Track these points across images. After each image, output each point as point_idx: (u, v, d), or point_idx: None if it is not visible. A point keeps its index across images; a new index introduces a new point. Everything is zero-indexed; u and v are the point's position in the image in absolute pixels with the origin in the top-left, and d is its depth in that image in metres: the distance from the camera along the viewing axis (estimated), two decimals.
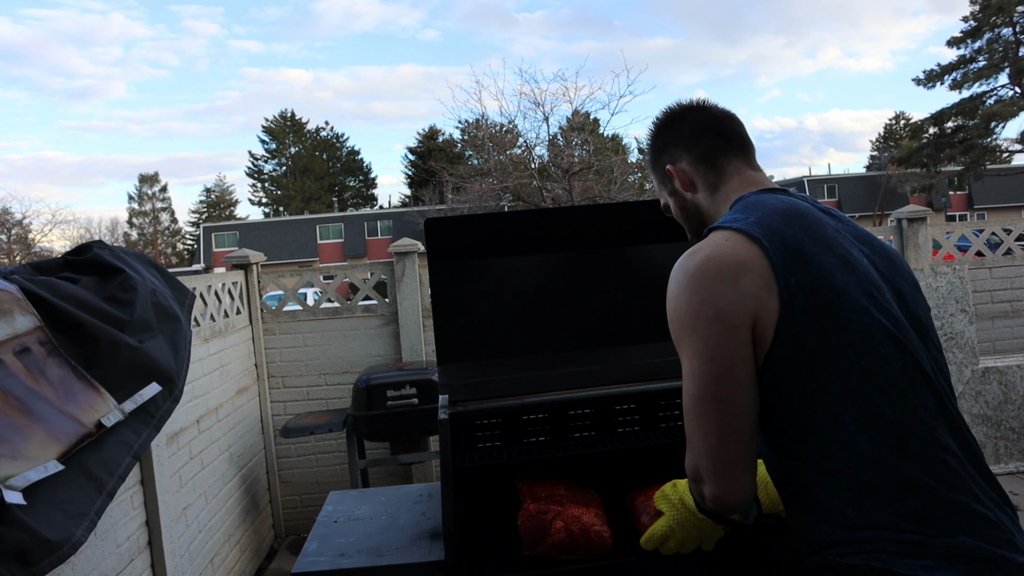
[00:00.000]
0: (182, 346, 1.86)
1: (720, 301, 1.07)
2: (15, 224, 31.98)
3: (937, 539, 0.98)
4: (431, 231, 2.04)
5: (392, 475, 4.54)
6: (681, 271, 1.14)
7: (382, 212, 41.21)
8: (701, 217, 1.34)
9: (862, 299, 1.09)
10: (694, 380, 1.10)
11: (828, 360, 1.06)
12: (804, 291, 1.07)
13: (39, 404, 1.41)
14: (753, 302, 1.07)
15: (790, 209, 1.17)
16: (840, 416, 1.05)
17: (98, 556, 2.18)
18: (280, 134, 48.52)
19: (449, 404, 1.90)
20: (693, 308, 1.10)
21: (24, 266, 1.67)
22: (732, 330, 1.07)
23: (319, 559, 1.75)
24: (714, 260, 1.10)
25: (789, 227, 1.13)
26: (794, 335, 1.06)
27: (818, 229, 1.15)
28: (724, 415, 1.07)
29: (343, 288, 12.53)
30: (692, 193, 1.34)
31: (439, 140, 41.63)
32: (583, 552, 1.63)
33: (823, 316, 1.06)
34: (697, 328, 1.09)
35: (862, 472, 1.03)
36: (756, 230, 1.11)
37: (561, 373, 1.99)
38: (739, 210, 1.19)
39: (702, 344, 1.08)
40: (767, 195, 1.23)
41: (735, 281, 1.08)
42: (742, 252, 1.10)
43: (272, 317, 4.44)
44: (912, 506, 1.00)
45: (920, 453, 1.03)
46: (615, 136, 29.48)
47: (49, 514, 1.32)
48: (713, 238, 1.15)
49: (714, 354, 1.07)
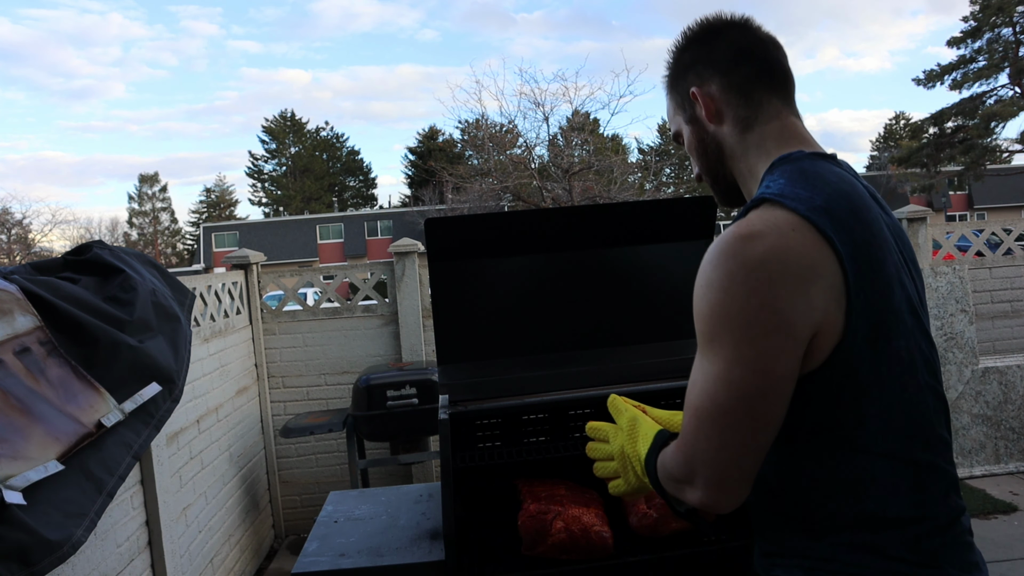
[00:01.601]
0: (182, 346, 1.86)
1: (787, 311, 0.89)
2: (15, 224, 31.99)
3: (925, 569, 0.95)
4: (431, 231, 2.04)
5: (392, 475, 4.54)
6: (734, 257, 0.92)
7: (382, 212, 41.23)
8: (721, 156, 1.14)
9: (909, 319, 0.98)
10: (727, 388, 0.92)
11: (876, 392, 0.95)
12: (869, 311, 0.93)
13: (39, 404, 1.41)
14: (820, 316, 0.91)
15: (852, 193, 0.98)
16: (869, 450, 0.96)
17: (98, 556, 2.18)
18: (280, 134, 48.53)
19: (449, 404, 1.90)
20: (750, 311, 0.90)
21: (24, 266, 1.67)
22: (793, 345, 0.90)
23: (319, 559, 1.75)
24: (782, 256, 0.90)
25: (857, 221, 0.95)
26: (849, 361, 0.93)
27: (878, 225, 0.98)
28: (751, 432, 0.93)
29: (343, 288, 12.53)
30: (716, 124, 1.12)
31: (439, 140, 41.65)
32: (583, 552, 1.63)
33: (882, 343, 0.94)
34: (749, 335, 0.90)
35: (871, 502, 0.96)
36: (827, 222, 0.92)
37: (561, 373, 1.99)
38: (796, 179, 0.98)
39: (752, 354, 0.91)
40: (823, 163, 1.02)
41: (806, 288, 0.90)
42: (813, 252, 0.91)
43: (272, 317, 4.44)
44: (912, 538, 0.96)
45: (936, 487, 0.98)
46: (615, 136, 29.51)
47: (49, 514, 1.32)
48: (774, 220, 0.93)
49: (764, 367, 0.90)
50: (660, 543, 1.71)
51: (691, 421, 0.97)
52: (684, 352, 2.09)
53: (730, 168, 1.14)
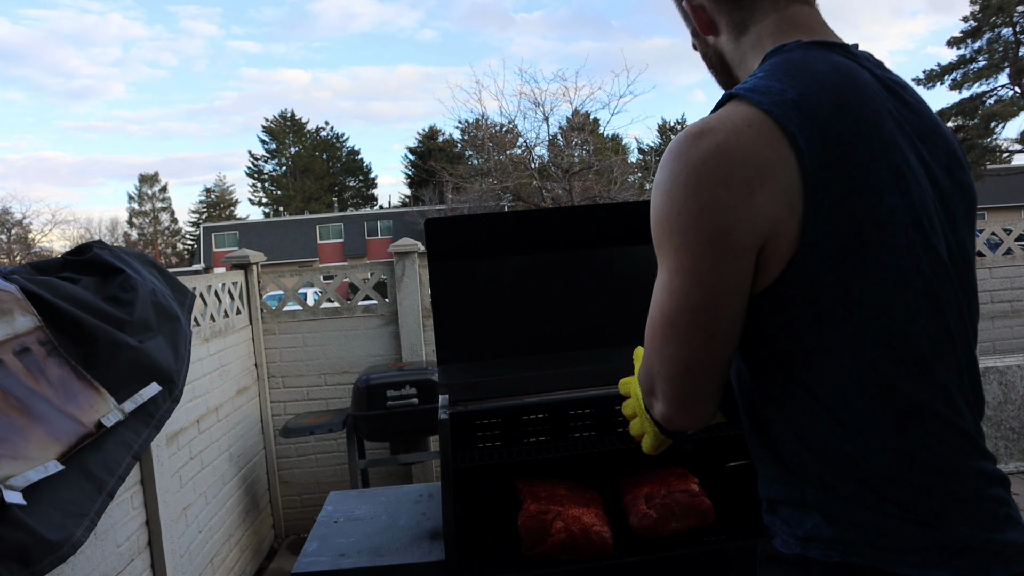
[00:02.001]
0: (182, 346, 1.86)
1: (724, 216, 0.82)
2: (15, 224, 31.99)
3: (929, 530, 0.83)
4: (431, 231, 2.04)
5: (392, 475, 4.54)
6: (679, 156, 0.85)
7: (382, 212, 41.23)
8: (726, 67, 1.06)
9: (906, 234, 0.84)
10: (670, 299, 0.87)
11: (843, 314, 0.83)
12: (836, 220, 0.82)
13: (39, 404, 1.41)
14: (767, 225, 0.82)
15: (847, 83, 0.87)
16: (840, 379, 0.85)
17: (98, 556, 2.18)
18: (280, 134, 48.54)
19: (449, 404, 1.90)
20: (688, 215, 0.83)
21: (24, 266, 1.67)
22: (732, 255, 0.83)
23: (319, 559, 1.75)
24: (727, 155, 0.82)
25: (839, 115, 0.84)
26: (807, 278, 0.83)
27: (876, 121, 0.86)
28: (698, 346, 0.87)
29: (343, 288, 12.53)
30: (713, 36, 1.04)
31: (439, 140, 41.67)
32: (583, 552, 1.63)
33: (851, 258, 0.83)
34: (687, 241, 0.84)
35: (850, 441, 0.85)
36: (792, 117, 0.82)
37: (561, 373, 1.99)
38: (776, 71, 0.88)
39: (690, 262, 0.84)
40: (818, 52, 0.91)
41: (749, 192, 0.81)
42: (766, 151, 0.82)
43: (272, 317, 4.45)
44: (904, 490, 0.84)
45: (927, 433, 0.85)
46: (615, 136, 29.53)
47: (49, 514, 1.32)
48: (731, 115, 0.85)
49: (702, 279, 0.84)
50: (660, 543, 1.71)
51: (648, 333, 0.93)
52: None
53: (737, 78, 1.05)
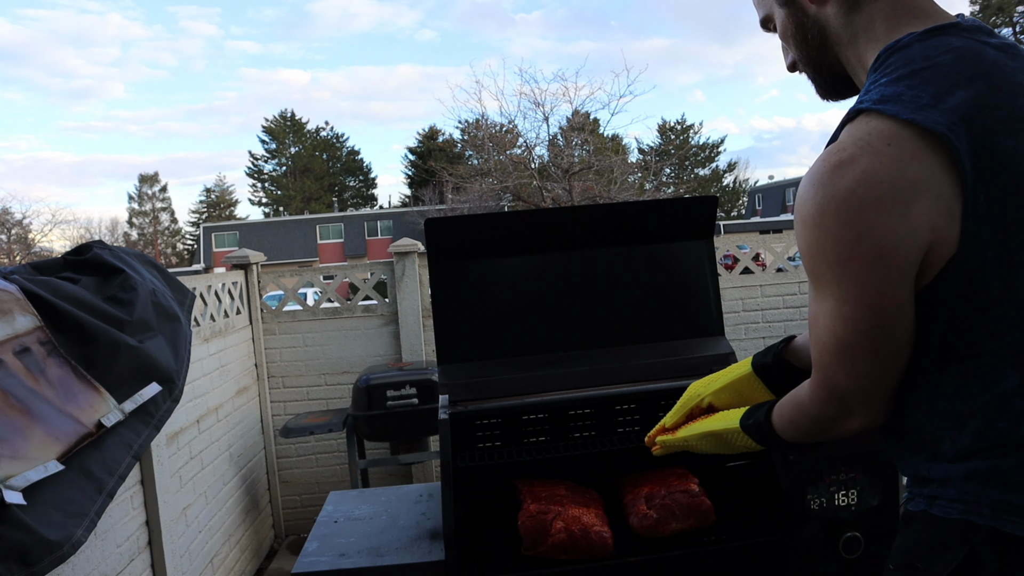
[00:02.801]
0: (182, 346, 1.86)
1: (884, 238, 0.81)
2: (15, 224, 31.99)
3: None
4: (431, 231, 2.04)
5: (392, 475, 4.54)
6: (824, 188, 0.84)
7: (382, 212, 41.23)
8: (825, 42, 1.00)
9: None
10: (844, 324, 0.88)
11: (1008, 299, 0.83)
12: (995, 212, 0.80)
13: (39, 404, 1.41)
14: (927, 235, 0.81)
15: (975, 70, 0.84)
16: (1002, 363, 0.84)
17: (98, 556, 2.18)
18: (280, 134, 48.53)
19: (449, 404, 1.90)
20: (845, 245, 0.83)
21: (24, 266, 1.67)
22: (898, 274, 0.83)
23: (319, 559, 1.75)
24: (873, 181, 0.80)
25: (979, 105, 0.81)
26: (972, 270, 0.82)
27: (1011, 101, 0.83)
28: (881, 361, 0.89)
29: (343, 288, 12.52)
30: (819, 5, 0.98)
31: (439, 140, 41.67)
32: (583, 552, 1.63)
33: (1015, 244, 0.81)
34: (850, 271, 0.84)
35: (1002, 422, 0.85)
36: (938, 121, 0.80)
37: (561, 373, 1.99)
38: (900, 74, 0.85)
39: (856, 290, 0.85)
40: (935, 40, 0.87)
41: (904, 212, 0.80)
42: (912, 166, 0.80)
43: (272, 317, 4.44)
44: None
45: None
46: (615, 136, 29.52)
47: (49, 514, 1.32)
48: (867, 135, 0.83)
49: (872, 303, 0.85)
50: (660, 543, 1.71)
51: (823, 357, 0.94)
52: (684, 352, 2.09)
53: (836, 55, 1.00)
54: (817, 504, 1.68)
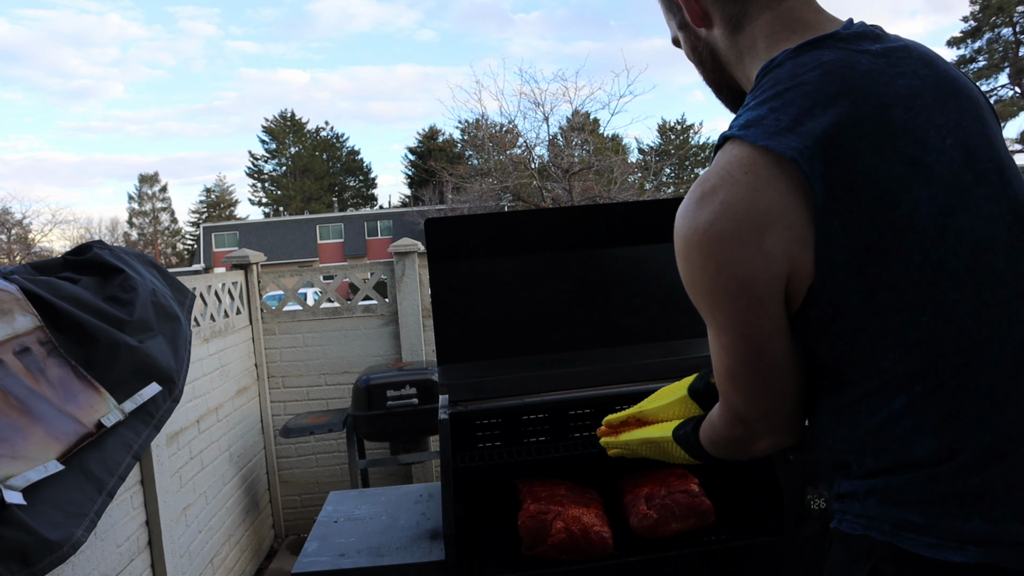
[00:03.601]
0: (182, 346, 1.86)
1: (742, 270, 0.82)
2: (15, 224, 32.00)
3: (943, 521, 0.80)
4: (431, 231, 2.04)
5: (392, 475, 4.54)
6: (688, 223, 0.86)
7: (382, 212, 41.22)
8: (718, 63, 1.01)
9: (936, 221, 0.80)
10: (726, 353, 0.91)
11: (876, 323, 0.81)
12: (851, 235, 0.79)
13: (39, 404, 1.41)
14: (782, 265, 0.82)
15: (841, 87, 0.82)
16: (886, 386, 0.83)
17: (98, 556, 2.18)
18: (280, 134, 48.54)
19: (449, 404, 1.90)
20: (709, 277, 0.85)
21: (24, 266, 1.67)
22: (759, 304, 0.84)
23: (319, 559, 1.75)
24: (730, 212, 0.82)
25: (839, 125, 0.80)
26: (832, 296, 0.82)
27: (879, 116, 0.81)
28: (768, 386, 0.90)
29: (343, 288, 12.53)
30: (706, 29, 0.99)
31: (439, 140, 41.68)
32: (583, 552, 1.63)
33: (874, 267, 0.80)
34: (718, 302, 0.87)
35: (892, 440, 0.84)
36: (790, 146, 0.80)
37: (561, 373, 1.99)
38: (767, 97, 0.85)
39: (726, 320, 0.87)
40: (807, 57, 0.86)
41: (759, 241, 0.81)
42: (767, 193, 0.80)
43: (272, 317, 4.44)
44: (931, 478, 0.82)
45: (970, 416, 0.81)
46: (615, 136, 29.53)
47: (49, 514, 1.32)
48: (728, 164, 0.84)
49: (744, 332, 0.87)
50: (660, 543, 1.71)
51: (721, 383, 0.97)
52: (684, 352, 2.09)
53: (731, 75, 1.01)
54: (817, 504, 1.68)
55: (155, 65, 75.82)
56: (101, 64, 74.95)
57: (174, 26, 73.94)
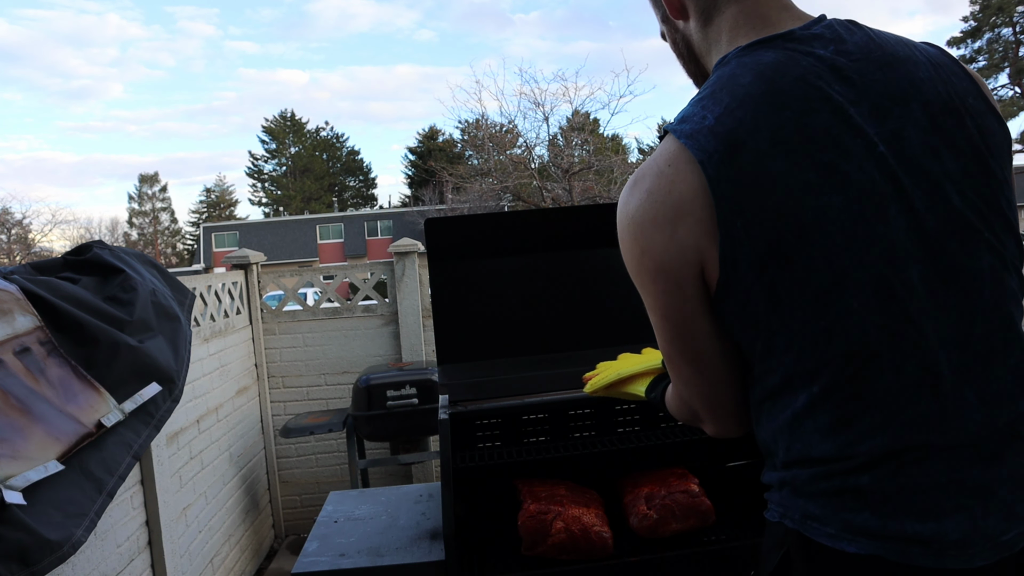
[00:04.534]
0: (182, 346, 1.86)
1: (659, 255, 0.88)
2: (15, 224, 31.99)
3: (839, 514, 0.84)
4: (431, 231, 2.04)
5: (392, 475, 4.54)
6: (623, 208, 0.92)
7: (382, 212, 41.22)
8: (693, 55, 1.05)
9: (844, 228, 0.81)
10: (658, 334, 0.96)
11: (776, 320, 0.85)
12: (752, 236, 0.82)
13: (39, 404, 1.41)
14: (693, 254, 0.86)
15: (769, 89, 0.85)
16: (791, 382, 0.86)
17: (98, 556, 2.18)
18: (280, 134, 48.54)
19: (449, 404, 1.90)
20: (635, 259, 0.91)
21: (24, 266, 1.67)
22: (677, 288, 0.89)
23: (319, 559, 1.75)
24: (651, 199, 0.87)
25: (753, 130, 0.83)
26: (736, 292, 0.86)
27: (800, 120, 0.83)
28: (698, 369, 0.94)
29: (343, 288, 12.53)
30: (684, 21, 1.03)
31: (439, 140, 41.68)
32: (583, 552, 1.63)
33: (774, 268, 0.83)
34: (643, 282, 0.92)
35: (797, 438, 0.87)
36: (704, 145, 0.84)
37: (561, 373, 1.99)
38: (705, 92, 0.89)
39: (652, 300, 0.93)
40: (750, 57, 0.89)
41: (673, 230, 0.86)
42: (681, 187, 0.85)
43: (272, 317, 4.44)
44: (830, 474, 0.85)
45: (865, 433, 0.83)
46: (615, 136, 29.54)
47: (49, 514, 1.32)
48: (659, 156, 0.89)
49: (666, 313, 0.92)
50: (660, 543, 1.71)
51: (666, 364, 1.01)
52: None
53: (705, 67, 1.04)
54: None
55: (154, 65, 75.87)
56: (100, 64, 74.99)
57: (173, 26, 73.99)
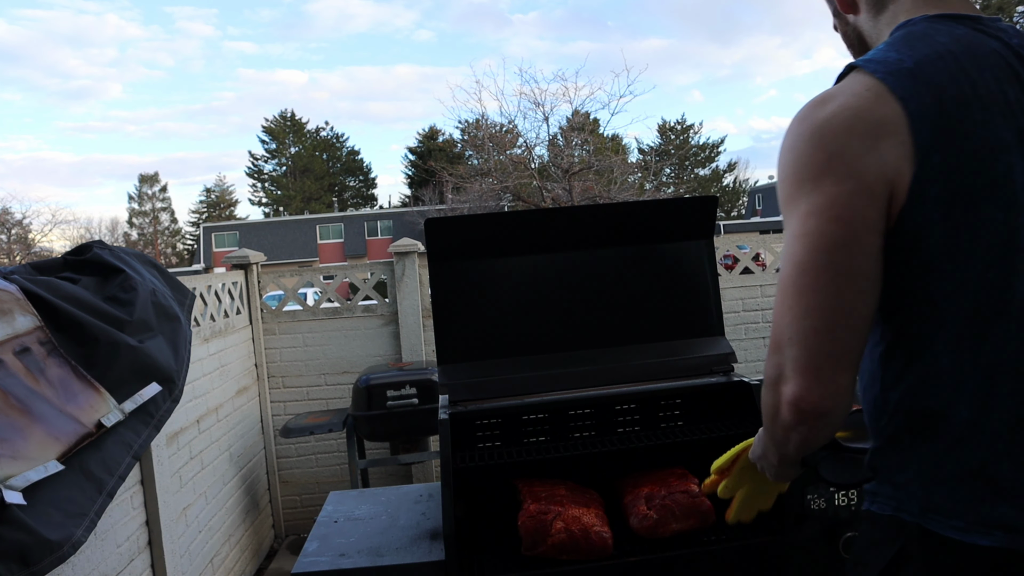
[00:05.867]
0: (182, 346, 1.86)
1: (853, 160, 0.86)
2: (15, 224, 31.99)
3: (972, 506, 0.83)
4: (431, 231, 2.04)
5: (392, 475, 4.54)
6: (805, 121, 0.91)
7: (382, 212, 41.22)
8: (864, 46, 1.09)
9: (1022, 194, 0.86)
10: (805, 243, 0.87)
11: (949, 265, 0.86)
12: (946, 175, 0.85)
13: (39, 404, 1.41)
14: (892, 172, 0.85)
15: (966, 52, 0.89)
16: (936, 333, 0.87)
17: (98, 556, 2.18)
18: (280, 134, 48.53)
19: (449, 404, 1.90)
20: (818, 163, 0.87)
21: (24, 266, 1.67)
22: (869, 194, 0.85)
23: (319, 559, 1.75)
24: (849, 112, 0.87)
25: (955, 80, 0.87)
26: (917, 228, 0.86)
27: (998, 87, 0.88)
28: (839, 290, 0.85)
29: (343, 288, 12.53)
30: (853, 14, 1.08)
31: (439, 140, 41.67)
32: (583, 552, 1.63)
33: (960, 211, 0.85)
34: (821, 184, 0.87)
35: (932, 398, 0.87)
36: (905, 84, 0.87)
37: (561, 373, 1.99)
38: (896, 43, 0.93)
39: (825, 201, 0.86)
40: (943, 24, 0.94)
41: (874, 142, 0.86)
42: (884, 110, 0.86)
43: (272, 317, 4.44)
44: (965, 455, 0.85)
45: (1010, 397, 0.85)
46: (615, 136, 29.52)
47: (49, 514, 1.32)
48: (851, 84, 0.91)
49: (841, 214, 0.85)
50: (660, 544, 1.71)
51: (777, 296, 0.91)
52: (684, 352, 2.09)
53: None
54: (817, 504, 1.68)
55: (153, 65, 75.74)
56: (99, 64, 74.87)
57: (172, 26, 73.84)
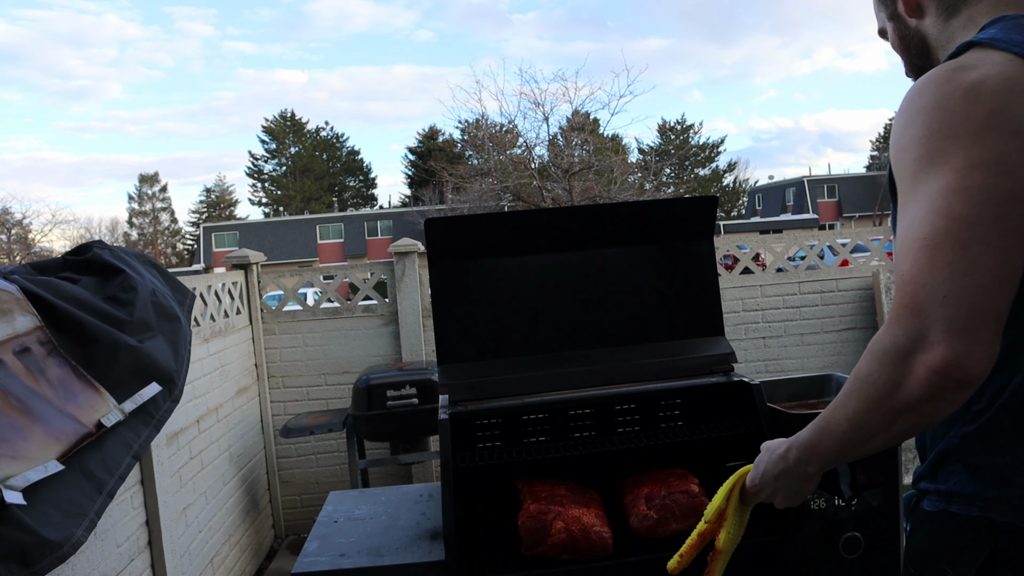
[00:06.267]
0: (182, 346, 1.86)
1: (1018, 119, 0.80)
2: (15, 224, 31.99)
3: None
4: (431, 231, 2.04)
5: (392, 475, 4.54)
6: (951, 82, 0.85)
7: (382, 212, 41.23)
8: (926, 50, 1.06)
9: None
10: (966, 196, 0.79)
11: None
12: None
13: (39, 404, 1.41)
14: None
15: None
16: None
17: (98, 556, 2.18)
18: (280, 134, 48.53)
19: (449, 404, 1.90)
20: (979, 118, 0.81)
21: (24, 266, 1.67)
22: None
23: (319, 559, 1.75)
24: (1004, 76, 0.82)
25: None
26: None
27: None
28: (1007, 247, 0.77)
29: (343, 288, 12.52)
30: (917, 19, 1.05)
31: (439, 140, 41.66)
32: (583, 552, 1.63)
33: None
34: (984, 138, 0.80)
35: None
36: None
37: (561, 373, 1.99)
38: (1009, 28, 0.89)
39: (991, 155, 0.79)
40: None
41: None
42: None
43: (272, 317, 4.44)
44: None
45: None
46: (615, 136, 29.53)
47: (49, 514, 1.32)
48: (983, 57, 0.86)
49: (1009, 169, 0.79)
50: (660, 544, 1.71)
51: (919, 256, 0.80)
52: (684, 352, 2.09)
53: (936, 61, 1.04)
54: (817, 504, 1.68)
55: (153, 65, 75.73)
56: (99, 64, 74.86)
57: (171, 26, 73.82)
